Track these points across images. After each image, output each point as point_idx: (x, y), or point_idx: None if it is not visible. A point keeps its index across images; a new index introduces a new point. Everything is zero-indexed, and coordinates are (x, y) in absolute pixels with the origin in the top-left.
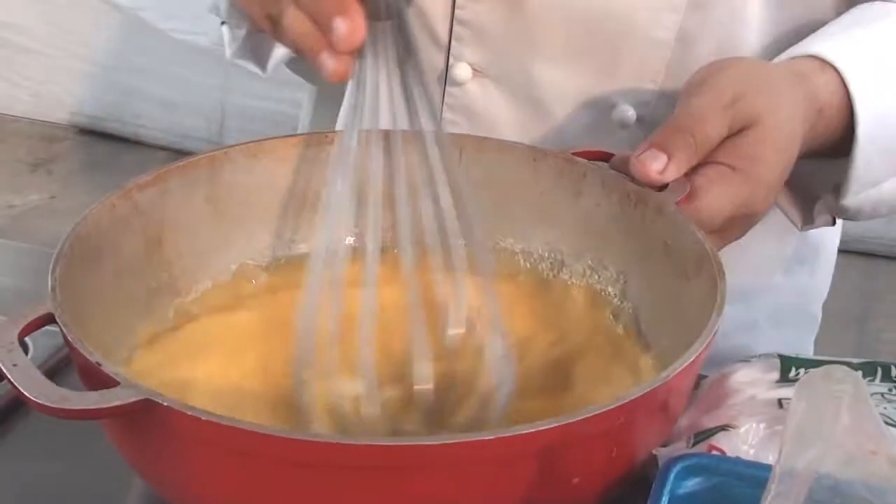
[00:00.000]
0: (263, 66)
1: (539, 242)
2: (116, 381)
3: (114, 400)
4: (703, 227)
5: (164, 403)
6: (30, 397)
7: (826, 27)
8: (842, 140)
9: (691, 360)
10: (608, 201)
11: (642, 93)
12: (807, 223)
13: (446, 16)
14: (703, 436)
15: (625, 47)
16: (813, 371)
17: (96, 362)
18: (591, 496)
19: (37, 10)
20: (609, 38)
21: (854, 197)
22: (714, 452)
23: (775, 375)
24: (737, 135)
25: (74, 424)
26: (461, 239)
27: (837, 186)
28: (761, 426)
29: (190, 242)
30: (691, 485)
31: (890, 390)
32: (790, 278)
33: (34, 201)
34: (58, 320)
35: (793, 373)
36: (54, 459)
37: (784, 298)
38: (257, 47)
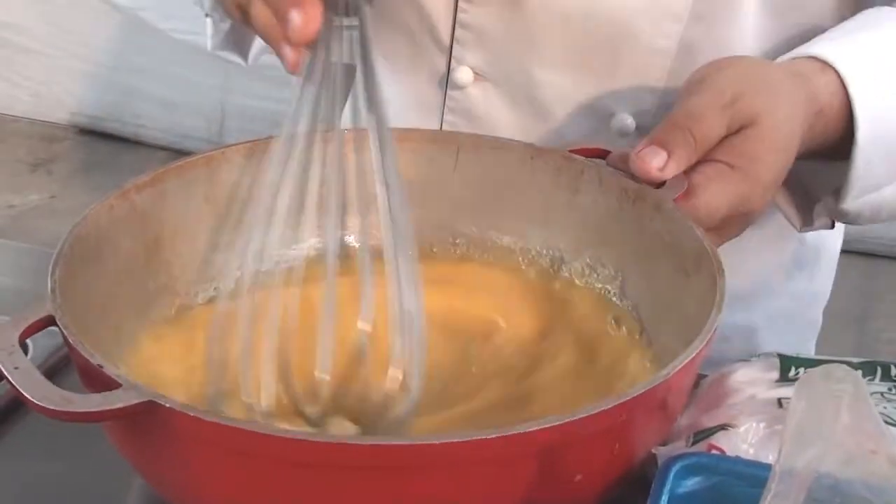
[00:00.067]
0: (245, 57)
1: (537, 240)
2: (118, 383)
3: (117, 402)
4: (701, 225)
5: (166, 405)
6: (32, 400)
7: (830, 30)
8: (842, 142)
9: (692, 357)
10: (606, 198)
11: (642, 101)
12: (806, 225)
13: (448, 19)
14: (703, 435)
15: (626, 54)
16: (813, 370)
17: (98, 365)
18: (591, 495)
19: (37, 10)
20: (610, 45)
21: (854, 201)
22: (714, 452)
23: (775, 375)
24: (735, 134)
25: (75, 425)
26: (392, 238)
27: (837, 190)
28: (761, 425)
29: (189, 243)
30: (691, 484)
31: (890, 389)
32: (790, 283)
33: (34, 201)
34: (58, 323)
35: (792, 372)
36: (54, 459)
37: (784, 303)
38: (240, 39)
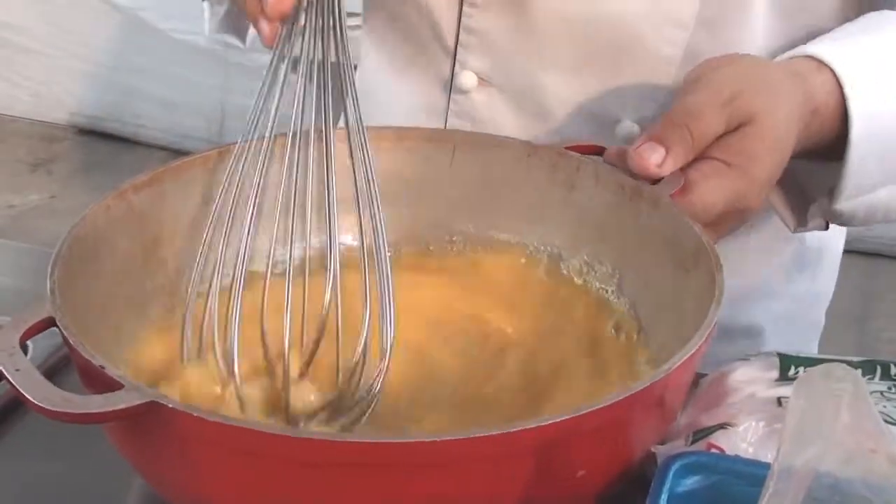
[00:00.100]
0: (243, 39)
1: (534, 237)
2: (120, 384)
3: (119, 403)
4: (697, 221)
5: (168, 405)
6: (34, 402)
7: (832, 32)
8: (837, 141)
9: (691, 353)
10: (602, 195)
11: (648, 109)
12: (800, 226)
13: (453, 23)
14: (702, 434)
15: (629, 60)
16: (812, 369)
17: (100, 366)
18: (590, 492)
19: (37, 10)
20: (613, 50)
21: (848, 201)
22: (713, 450)
23: (774, 374)
24: (733, 132)
25: (75, 425)
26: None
27: (832, 190)
28: (760, 424)
29: (187, 243)
30: (690, 483)
31: (889, 388)
32: (792, 284)
33: (34, 201)
34: (58, 324)
35: (792, 371)
36: (54, 459)
37: (787, 304)
38: (237, 22)
